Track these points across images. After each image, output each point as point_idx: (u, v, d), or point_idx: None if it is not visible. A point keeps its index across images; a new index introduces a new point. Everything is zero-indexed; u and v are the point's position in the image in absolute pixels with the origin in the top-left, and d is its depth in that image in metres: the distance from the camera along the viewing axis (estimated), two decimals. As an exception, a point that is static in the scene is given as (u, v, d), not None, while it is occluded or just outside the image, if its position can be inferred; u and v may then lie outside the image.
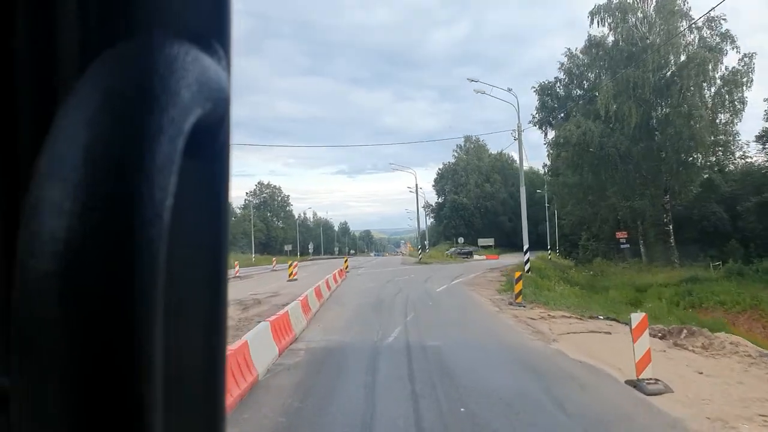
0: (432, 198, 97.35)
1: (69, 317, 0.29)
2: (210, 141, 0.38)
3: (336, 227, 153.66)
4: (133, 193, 0.30)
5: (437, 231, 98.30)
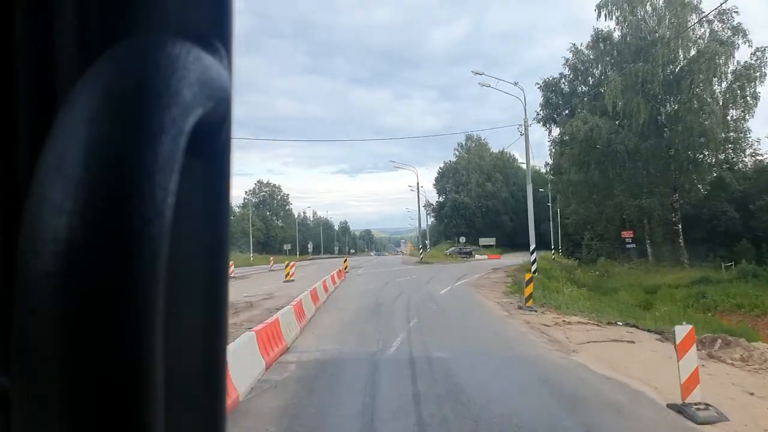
0: (432, 197, 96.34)
1: (70, 316, 0.29)
2: (211, 140, 0.38)
3: (336, 226, 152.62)
4: (134, 192, 0.30)
5: (438, 230, 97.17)
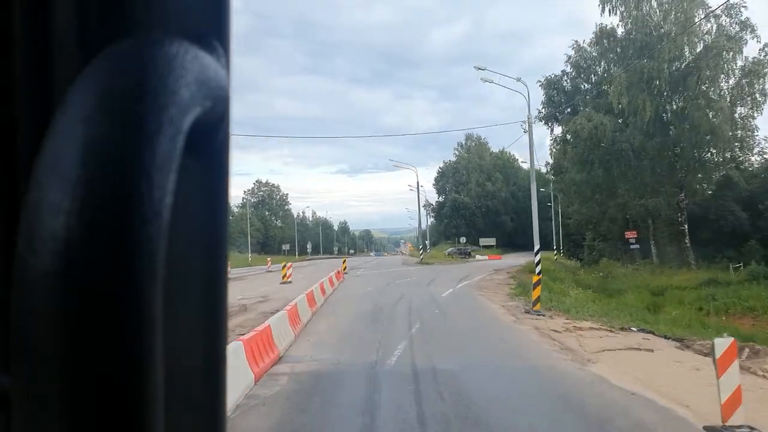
0: (432, 197, 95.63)
1: (68, 316, 0.29)
2: (209, 139, 0.38)
3: (335, 226, 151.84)
4: (133, 192, 0.29)
5: (438, 230, 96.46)
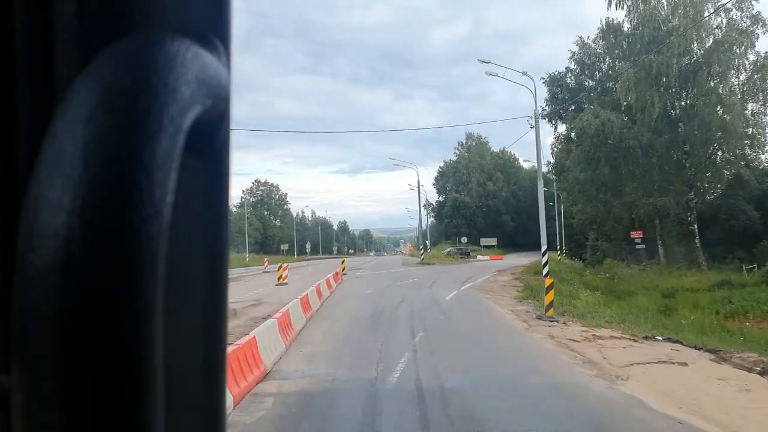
0: (432, 197, 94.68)
1: (69, 314, 0.29)
2: (210, 138, 0.38)
3: (335, 226, 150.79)
4: (133, 190, 0.29)
5: (438, 230, 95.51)
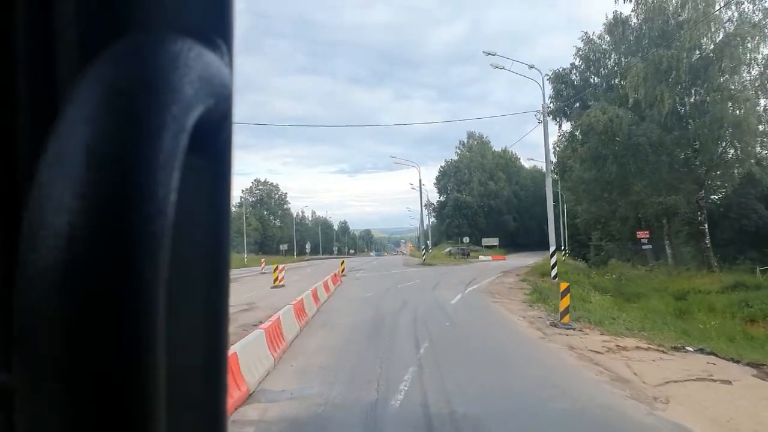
0: (433, 197, 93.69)
1: (71, 313, 0.29)
2: (212, 137, 0.38)
3: (335, 226, 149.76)
4: (135, 190, 0.29)
5: (439, 230, 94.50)
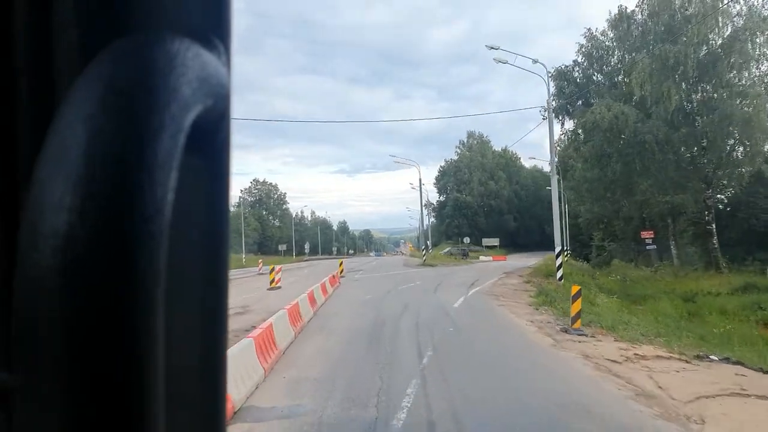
0: (433, 197, 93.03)
1: (70, 312, 0.28)
2: (210, 137, 0.38)
3: (335, 226, 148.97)
4: (134, 189, 0.29)
5: (439, 230, 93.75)
